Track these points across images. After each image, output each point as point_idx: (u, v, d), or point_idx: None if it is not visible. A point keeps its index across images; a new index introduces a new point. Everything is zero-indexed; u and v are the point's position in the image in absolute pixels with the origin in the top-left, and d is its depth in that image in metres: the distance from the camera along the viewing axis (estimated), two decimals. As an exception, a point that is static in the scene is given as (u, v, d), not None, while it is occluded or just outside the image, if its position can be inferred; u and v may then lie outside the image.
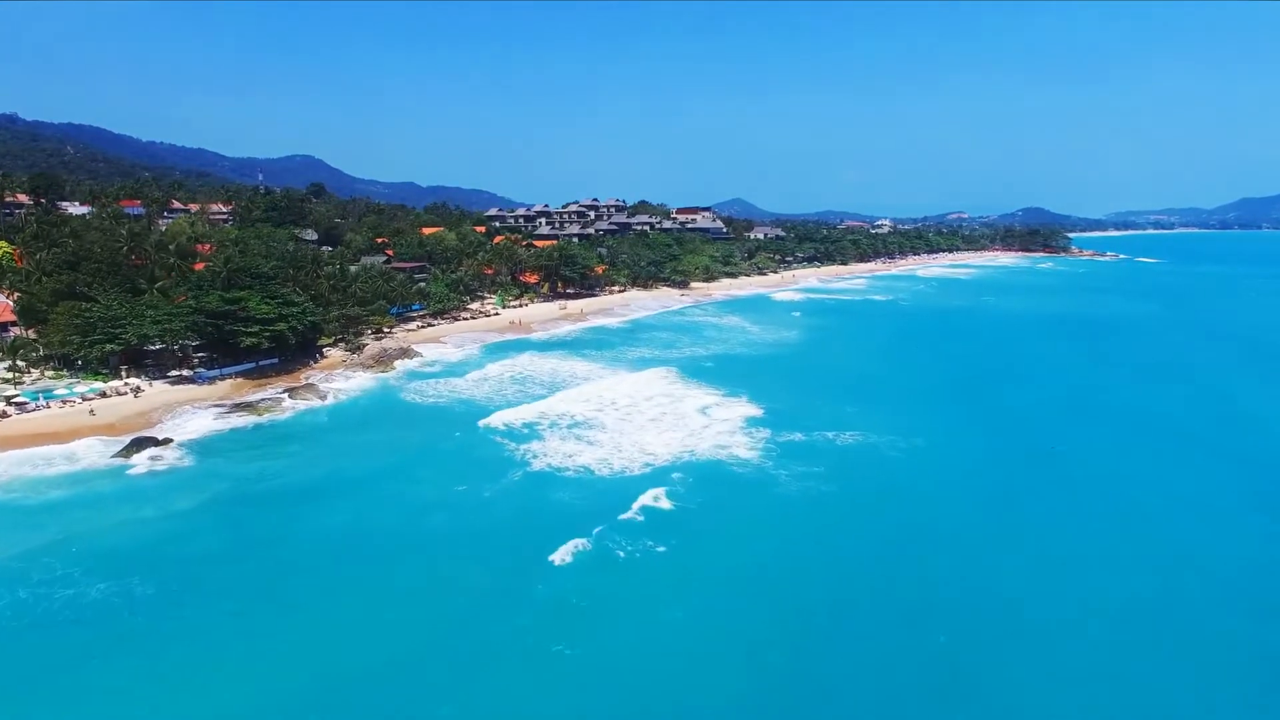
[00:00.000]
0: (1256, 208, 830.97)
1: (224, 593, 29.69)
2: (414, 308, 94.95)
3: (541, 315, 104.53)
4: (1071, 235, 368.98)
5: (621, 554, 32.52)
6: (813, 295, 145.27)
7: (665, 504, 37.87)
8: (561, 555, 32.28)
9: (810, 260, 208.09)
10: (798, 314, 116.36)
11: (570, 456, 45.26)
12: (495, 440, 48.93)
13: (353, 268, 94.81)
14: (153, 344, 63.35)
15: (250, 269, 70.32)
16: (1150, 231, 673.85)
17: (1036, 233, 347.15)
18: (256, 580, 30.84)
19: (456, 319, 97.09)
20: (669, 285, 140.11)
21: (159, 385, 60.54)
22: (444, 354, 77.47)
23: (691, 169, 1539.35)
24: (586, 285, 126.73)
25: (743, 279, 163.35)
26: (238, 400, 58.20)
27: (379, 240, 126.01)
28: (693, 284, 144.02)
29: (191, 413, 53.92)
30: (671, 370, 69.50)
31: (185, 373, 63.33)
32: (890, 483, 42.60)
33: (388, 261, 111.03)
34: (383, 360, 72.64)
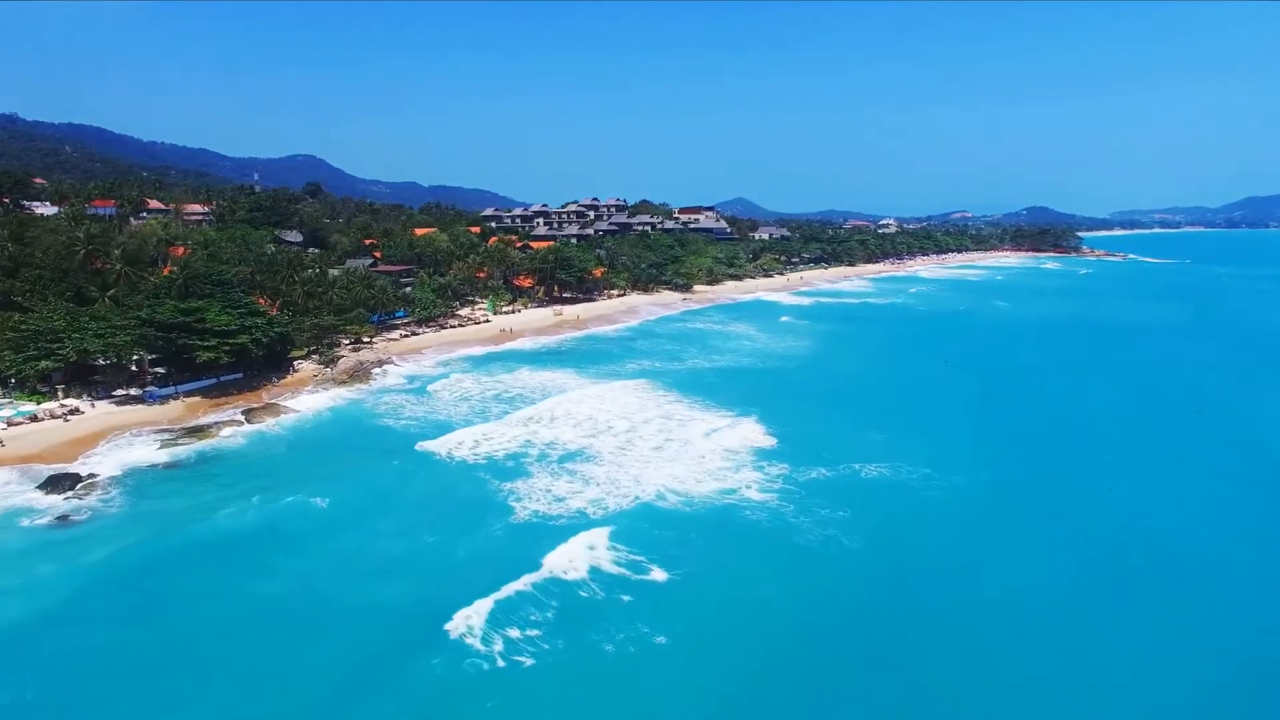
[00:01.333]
0: (1262, 206, 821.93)
1: (86, 692, 23.36)
2: (397, 314, 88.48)
3: (535, 322, 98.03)
4: (1081, 235, 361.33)
5: (610, 647, 25.84)
6: (821, 299, 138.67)
7: (667, 574, 31.11)
8: (533, 652, 25.62)
9: (817, 261, 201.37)
10: (807, 320, 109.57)
11: (560, 501, 38.63)
12: (476, 476, 42.43)
13: (334, 271, 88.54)
14: (96, 359, 57.06)
15: (211, 275, 63.96)
16: (1156, 231, 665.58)
17: (1047, 232, 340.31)
18: (135, 676, 24.41)
19: (443, 327, 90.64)
20: (671, 288, 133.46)
21: (102, 406, 54.18)
22: (425, 367, 71.00)
23: (693, 168, 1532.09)
24: (584, 289, 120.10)
25: (748, 281, 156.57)
26: (188, 424, 51.84)
27: (367, 242, 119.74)
28: (696, 287, 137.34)
29: (129, 440, 47.49)
30: (674, 387, 63.04)
31: (134, 391, 57.00)
32: (931, 536, 36.15)
33: (373, 264, 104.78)
34: (357, 374, 66.39)
